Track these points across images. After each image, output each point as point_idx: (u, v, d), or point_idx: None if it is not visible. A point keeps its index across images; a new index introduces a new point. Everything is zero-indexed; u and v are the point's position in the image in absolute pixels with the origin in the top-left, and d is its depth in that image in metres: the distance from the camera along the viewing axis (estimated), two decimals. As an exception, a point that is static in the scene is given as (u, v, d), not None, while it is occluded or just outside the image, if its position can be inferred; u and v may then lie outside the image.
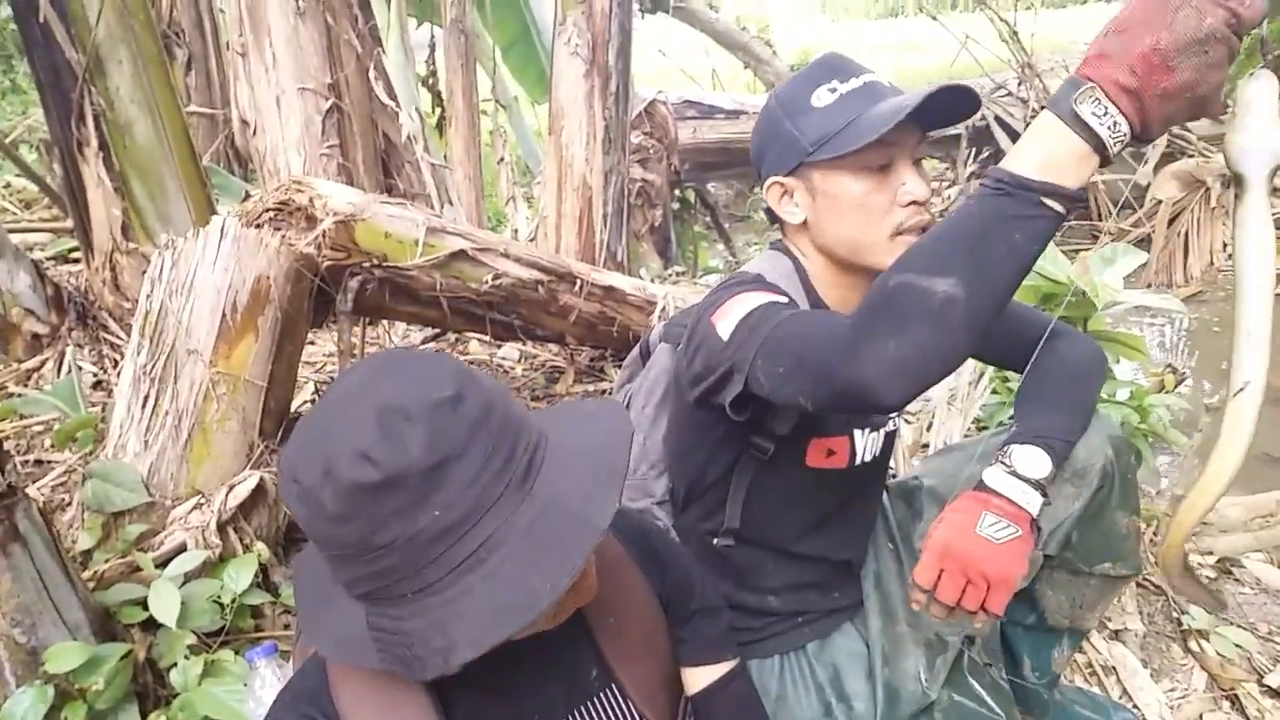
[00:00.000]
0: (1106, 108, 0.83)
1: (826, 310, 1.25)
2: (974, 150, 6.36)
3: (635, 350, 1.62)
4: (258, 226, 2.02)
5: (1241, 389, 0.94)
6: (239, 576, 1.72)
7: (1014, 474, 1.15)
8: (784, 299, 1.15)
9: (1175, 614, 2.19)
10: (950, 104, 1.16)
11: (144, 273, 3.12)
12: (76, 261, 3.93)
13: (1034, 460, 1.17)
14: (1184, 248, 5.16)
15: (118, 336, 3.17)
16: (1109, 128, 0.84)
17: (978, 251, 0.86)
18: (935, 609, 1.13)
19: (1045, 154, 0.85)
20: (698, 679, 1.13)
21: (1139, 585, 2.28)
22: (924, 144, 1.25)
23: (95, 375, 2.98)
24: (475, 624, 0.75)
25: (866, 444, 1.37)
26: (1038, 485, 1.15)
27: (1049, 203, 0.85)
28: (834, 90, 1.22)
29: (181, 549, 1.77)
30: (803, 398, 0.99)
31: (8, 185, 5.28)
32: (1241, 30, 0.81)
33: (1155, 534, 2.44)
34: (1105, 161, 0.86)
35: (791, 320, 1.05)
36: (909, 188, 1.21)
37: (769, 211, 1.35)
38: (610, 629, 1.04)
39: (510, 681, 0.97)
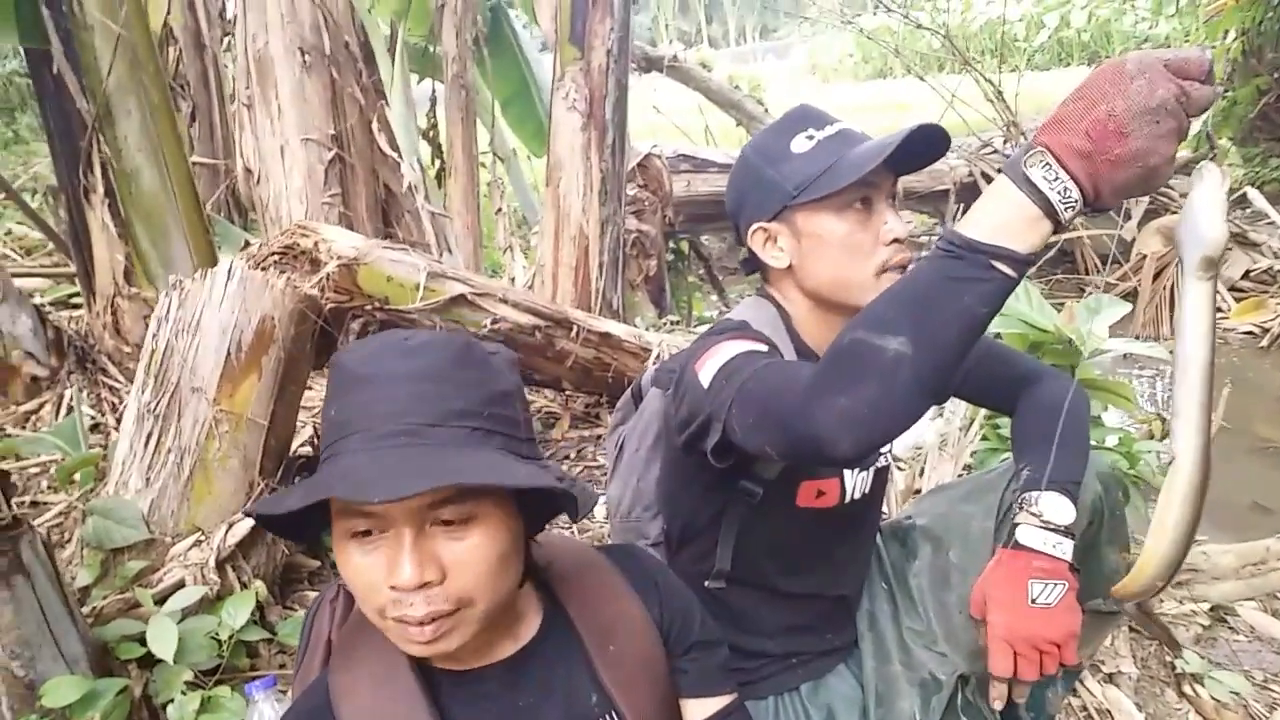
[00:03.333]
0: (1057, 172, 0.84)
1: (799, 362, 1.27)
2: (961, 206, 6.49)
3: (628, 393, 1.63)
4: (264, 269, 2.07)
5: (1170, 462, 0.97)
6: (237, 613, 1.72)
7: (1045, 526, 1.19)
8: (764, 347, 1.18)
9: (1169, 658, 2.19)
10: (923, 146, 1.22)
11: (145, 317, 3.18)
12: (76, 307, 3.96)
13: (1060, 508, 1.20)
14: (1169, 301, 5.25)
15: (116, 380, 3.19)
16: (1059, 192, 0.84)
17: (927, 312, 0.88)
18: (1018, 690, 1.18)
19: (997, 217, 0.87)
20: (696, 712, 1.13)
21: (1131, 629, 2.29)
22: (897, 187, 1.30)
23: (93, 418, 3.00)
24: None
25: (856, 482, 1.39)
26: (1067, 532, 1.18)
27: (999, 266, 0.85)
28: (811, 137, 1.27)
29: (180, 586, 1.78)
30: (769, 448, 1.02)
31: (9, 232, 5.33)
32: (1190, 110, 0.83)
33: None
34: (1058, 227, 0.87)
35: (765, 370, 1.07)
36: (890, 226, 1.26)
37: (746, 261, 1.40)
38: (610, 656, 1.04)
39: (510, 705, 0.98)
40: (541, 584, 1.06)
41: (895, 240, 1.26)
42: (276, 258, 2.14)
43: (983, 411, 2.73)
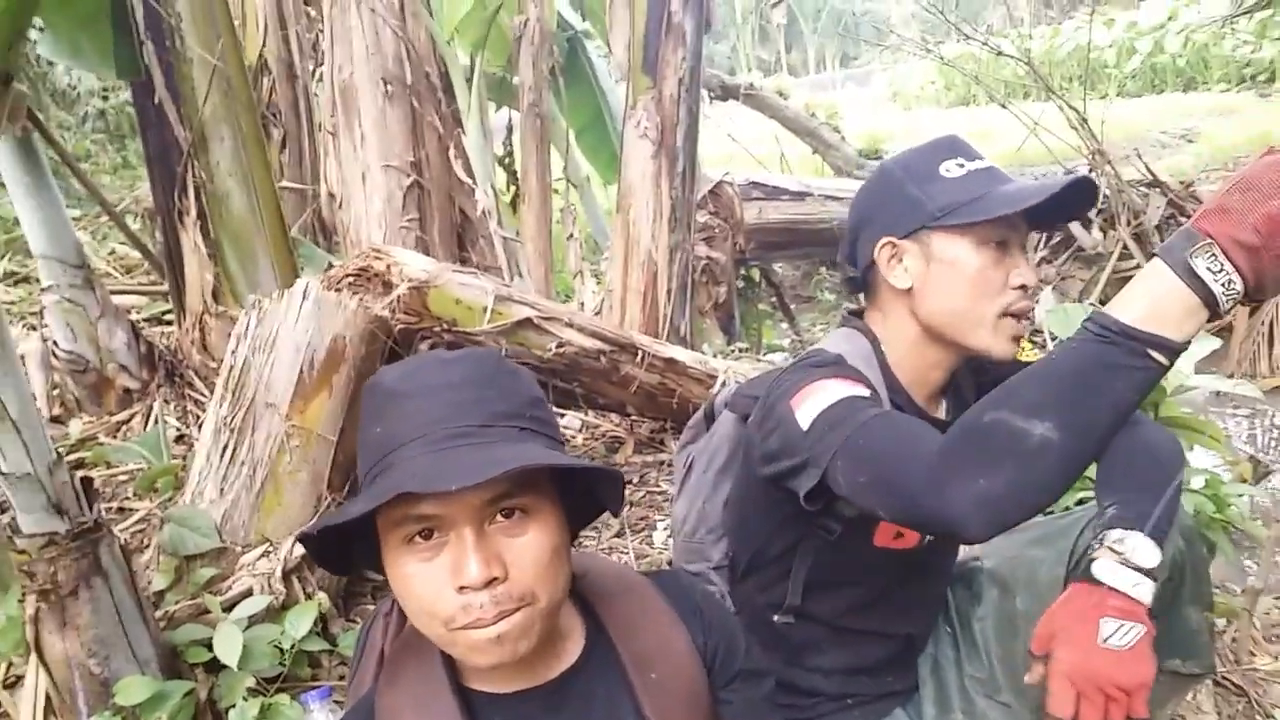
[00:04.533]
0: (1223, 264, 0.82)
1: (911, 420, 1.19)
2: (1044, 237, 6.31)
3: (700, 413, 1.62)
4: (338, 290, 2.15)
5: None
6: (299, 623, 1.77)
7: (1125, 563, 1.11)
8: (866, 391, 1.15)
9: (1259, 717, 2.07)
10: (1071, 200, 1.19)
11: (230, 335, 3.32)
12: (169, 323, 4.16)
13: (1144, 549, 1.12)
14: (1269, 337, 4.99)
15: (202, 394, 3.33)
16: (1223, 284, 0.82)
17: (1078, 398, 0.86)
18: None
19: (1154, 304, 0.85)
20: (740, 744, 1.12)
21: (1217, 684, 2.16)
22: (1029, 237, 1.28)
23: (179, 430, 3.13)
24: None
25: None
26: (1150, 574, 1.11)
27: (1155, 355, 0.84)
28: (962, 165, 1.25)
29: (248, 594, 1.84)
30: (883, 512, 1.01)
31: (112, 252, 5.64)
32: None
33: (1237, 630, 2.33)
34: (1215, 317, 0.84)
35: (876, 425, 1.05)
36: (1022, 271, 1.23)
37: (853, 280, 1.36)
38: (651, 684, 1.04)
39: None
40: (584, 607, 1.06)
41: (1022, 286, 1.23)
42: (351, 280, 2.22)
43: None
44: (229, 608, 1.79)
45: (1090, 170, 6.18)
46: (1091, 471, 1.36)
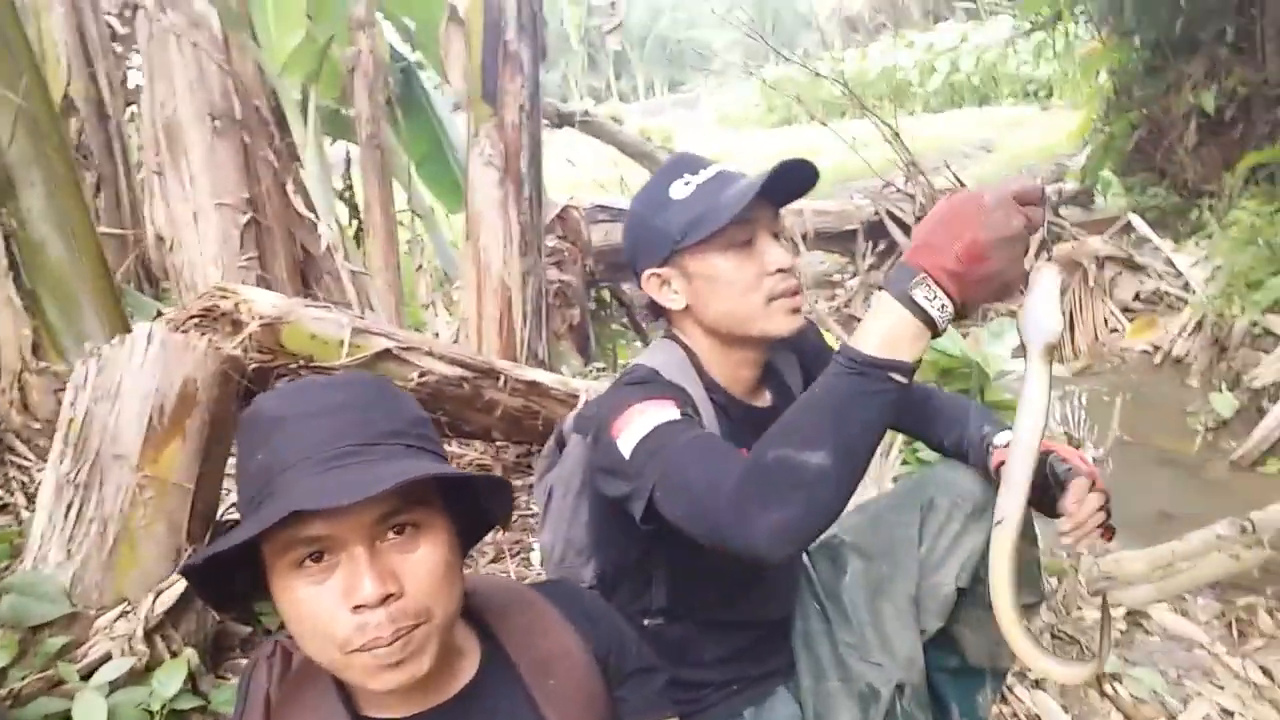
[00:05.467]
0: (936, 293, 0.98)
1: (718, 443, 1.24)
2: (871, 244, 6.77)
3: (551, 441, 1.66)
4: (184, 332, 2.05)
5: (1000, 522, 1.09)
6: (168, 682, 1.68)
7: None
8: (677, 413, 1.23)
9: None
10: (794, 179, 1.33)
11: (56, 391, 3.07)
12: (-21, 386, 3.80)
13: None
14: (1069, 325, 5.53)
15: (25, 458, 3.07)
16: (939, 309, 0.99)
17: (839, 426, 0.99)
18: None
19: (888, 334, 0.99)
20: (639, 737, 1.16)
21: (1054, 636, 2.40)
22: (779, 219, 1.40)
23: (1, 499, 2.87)
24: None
25: None
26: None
27: (894, 376, 0.99)
28: (688, 183, 1.36)
29: (106, 659, 1.72)
30: (700, 540, 1.12)
31: (-98, 314, 5.08)
32: (1032, 231, 1.00)
33: (1065, 588, 2.59)
34: (935, 335, 1.01)
35: (685, 458, 1.14)
36: (772, 257, 1.35)
37: (649, 306, 1.47)
38: (550, 691, 1.06)
39: None
40: (477, 623, 1.07)
41: (780, 270, 1.34)
42: (196, 320, 2.13)
43: (900, 436, 2.85)
44: (87, 675, 1.67)
45: (906, 180, 6.68)
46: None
